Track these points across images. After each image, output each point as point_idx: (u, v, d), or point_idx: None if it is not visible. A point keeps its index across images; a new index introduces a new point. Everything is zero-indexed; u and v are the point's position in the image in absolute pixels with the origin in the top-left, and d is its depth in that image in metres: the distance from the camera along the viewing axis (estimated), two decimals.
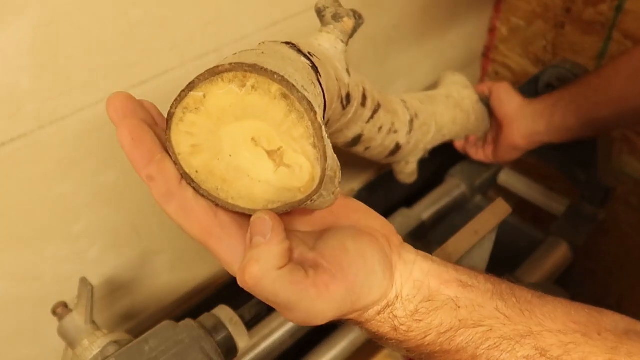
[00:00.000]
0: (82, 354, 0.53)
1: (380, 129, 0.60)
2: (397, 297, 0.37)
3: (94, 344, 0.53)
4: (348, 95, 0.51)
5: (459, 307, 0.37)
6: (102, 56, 0.53)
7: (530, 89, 0.86)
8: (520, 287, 0.39)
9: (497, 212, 0.59)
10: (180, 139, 0.34)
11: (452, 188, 0.94)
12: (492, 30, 1.02)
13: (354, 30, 0.50)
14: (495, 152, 0.85)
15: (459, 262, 0.56)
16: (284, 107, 0.32)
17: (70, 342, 0.55)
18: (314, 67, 0.40)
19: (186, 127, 0.34)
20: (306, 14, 0.69)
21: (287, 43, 0.41)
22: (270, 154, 0.33)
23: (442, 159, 1.08)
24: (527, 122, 0.78)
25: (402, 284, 0.38)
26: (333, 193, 0.35)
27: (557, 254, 0.85)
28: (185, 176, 0.35)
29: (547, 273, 0.82)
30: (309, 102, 0.31)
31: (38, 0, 0.47)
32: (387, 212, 0.90)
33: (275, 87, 0.31)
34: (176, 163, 0.34)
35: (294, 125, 0.32)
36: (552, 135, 0.77)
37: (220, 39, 0.62)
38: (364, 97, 0.55)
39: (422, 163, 0.73)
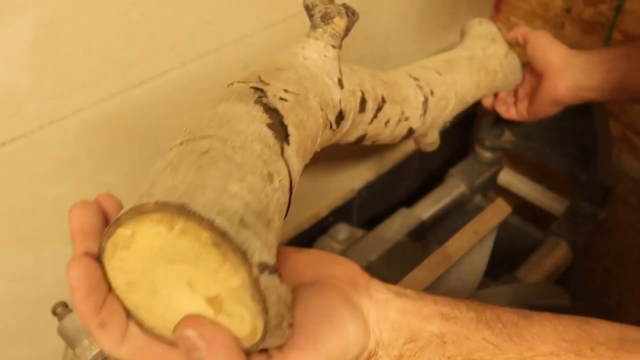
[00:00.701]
0: (82, 353, 0.53)
1: (387, 123, 0.57)
2: (378, 344, 0.35)
3: (94, 344, 0.53)
4: (340, 114, 0.47)
5: (445, 343, 0.35)
6: (102, 56, 0.53)
7: None
8: (504, 309, 0.37)
9: (497, 212, 0.59)
10: (114, 274, 0.31)
11: (452, 188, 0.95)
12: None
13: (347, 30, 0.46)
14: (531, 107, 0.78)
15: (459, 262, 0.56)
16: (216, 256, 0.28)
17: (70, 342, 0.55)
18: (280, 128, 0.36)
19: (118, 263, 0.30)
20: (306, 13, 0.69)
21: (256, 89, 0.38)
22: (208, 300, 0.30)
23: (442, 159, 1.08)
24: (575, 75, 0.71)
25: (381, 330, 0.35)
26: (282, 336, 0.31)
27: (557, 254, 0.85)
28: (125, 310, 0.31)
29: (547, 273, 0.82)
30: (244, 253, 0.28)
31: (38, 0, 0.47)
32: (387, 212, 0.91)
33: (205, 235, 0.28)
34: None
35: (230, 275, 0.28)
36: (605, 94, 0.70)
37: (220, 39, 0.62)
38: (363, 102, 0.52)
39: (422, 163, 0.73)
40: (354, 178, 0.94)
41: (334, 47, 0.46)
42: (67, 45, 0.50)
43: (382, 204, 1.00)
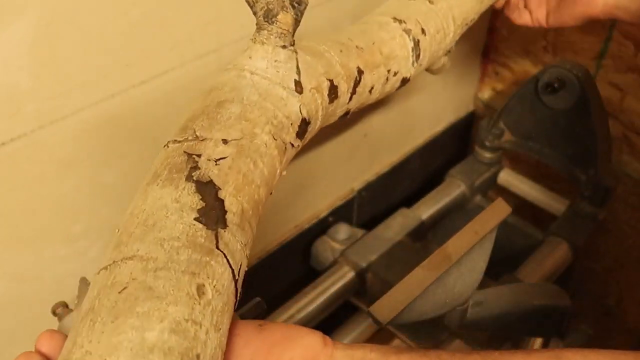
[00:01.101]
0: None
1: (371, 90, 0.52)
2: None
3: None
4: (303, 122, 0.44)
5: None
6: (102, 56, 0.53)
7: (530, 89, 0.86)
8: (478, 355, 0.38)
9: (497, 212, 0.59)
10: None
11: (452, 188, 0.95)
12: (492, 30, 1.02)
13: (297, 22, 0.41)
14: (556, 14, 0.72)
15: (459, 262, 0.56)
16: None
17: None
18: (213, 211, 0.34)
19: None
20: (306, 14, 0.69)
21: (189, 156, 0.36)
22: None
23: (442, 159, 1.08)
24: None
25: None
26: None
27: (557, 254, 0.85)
28: None
29: (547, 273, 0.82)
30: None
31: (38, 0, 0.47)
32: (387, 212, 0.91)
33: None
34: None
35: None
36: (636, 17, 0.66)
37: (220, 39, 0.62)
38: (333, 90, 0.47)
39: (422, 163, 0.73)
40: (354, 178, 0.94)
41: (284, 47, 0.42)
42: (67, 45, 0.50)
43: (382, 204, 1.00)
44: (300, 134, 0.44)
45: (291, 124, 0.42)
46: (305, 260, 0.90)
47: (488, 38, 1.03)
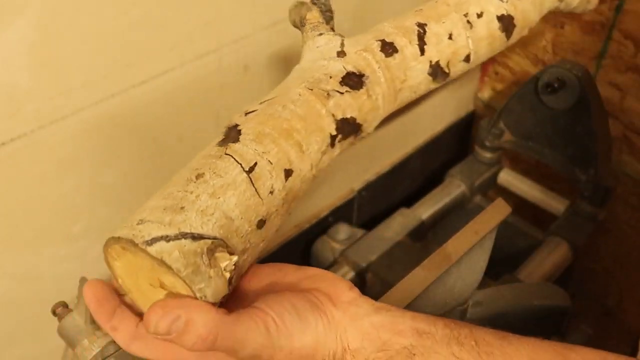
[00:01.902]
0: (82, 353, 0.53)
1: (450, 36, 0.52)
2: (345, 350, 0.38)
3: (94, 344, 0.53)
4: (350, 75, 0.46)
5: (413, 355, 0.38)
6: (102, 56, 0.53)
7: (530, 89, 0.86)
8: (483, 329, 0.39)
9: (497, 212, 0.59)
10: (120, 280, 0.39)
11: (452, 188, 0.95)
12: None
13: (325, 12, 0.48)
14: None
15: (459, 262, 0.56)
16: (131, 256, 0.36)
17: (70, 342, 0.55)
18: (225, 140, 0.40)
19: (116, 272, 0.39)
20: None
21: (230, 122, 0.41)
22: (163, 287, 0.36)
23: (442, 159, 1.08)
24: None
25: (348, 338, 0.38)
26: (211, 281, 0.35)
27: (557, 254, 0.85)
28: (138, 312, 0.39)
29: (547, 273, 0.82)
30: (132, 241, 0.34)
31: (38, 0, 0.47)
32: (387, 212, 0.91)
33: (121, 247, 0.36)
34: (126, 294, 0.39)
35: (145, 263, 0.35)
36: None
37: (220, 39, 0.62)
38: (386, 46, 0.49)
39: (423, 163, 0.73)
40: (354, 178, 0.94)
41: (321, 34, 0.47)
42: (67, 45, 0.50)
43: (382, 204, 1.00)
44: (348, 83, 0.46)
45: (330, 77, 0.46)
46: (305, 260, 0.90)
47: None
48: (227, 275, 0.35)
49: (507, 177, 1.00)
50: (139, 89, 0.57)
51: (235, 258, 0.35)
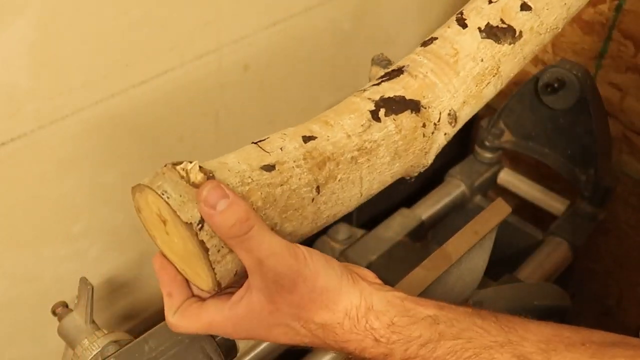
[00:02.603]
0: (82, 353, 0.53)
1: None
2: (369, 309, 0.38)
3: (94, 344, 0.53)
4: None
5: (437, 323, 0.38)
6: (102, 56, 0.53)
7: (530, 89, 0.86)
8: (503, 313, 0.40)
9: (497, 212, 0.59)
10: (150, 230, 0.41)
11: (452, 188, 0.94)
12: None
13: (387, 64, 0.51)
14: None
15: (459, 262, 0.56)
16: (154, 203, 0.38)
17: (70, 342, 0.55)
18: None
19: (144, 223, 0.41)
20: (306, 13, 0.69)
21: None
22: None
23: (442, 159, 1.08)
24: None
25: (373, 300, 0.39)
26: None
27: (557, 254, 0.85)
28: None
29: (547, 273, 0.82)
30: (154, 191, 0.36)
31: (38, 0, 0.47)
32: (387, 212, 0.90)
33: (143, 194, 0.38)
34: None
35: (167, 209, 0.37)
36: None
37: (220, 39, 0.62)
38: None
39: None
40: None
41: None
42: (67, 45, 0.50)
43: (382, 204, 1.00)
44: (385, 77, 0.48)
45: (369, 80, 0.50)
46: None
47: None
48: (180, 171, 0.36)
49: (507, 177, 1.00)
50: (139, 89, 0.57)
51: (191, 164, 0.36)
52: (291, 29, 0.68)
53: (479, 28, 0.48)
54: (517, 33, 0.49)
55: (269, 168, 0.39)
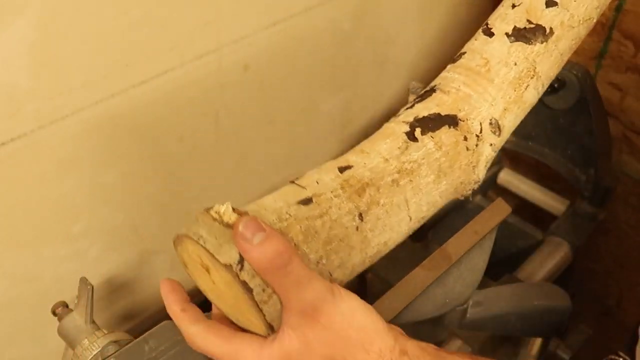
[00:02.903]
0: (82, 353, 0.53)
1: None
2: (403, 352, 0.37)
3: (94, 344, 0.53)
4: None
5: None
6: (102, 56, 0.53)
7: None
8: None
9: (497, 212, 0.59)
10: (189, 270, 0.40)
11: None
12: None
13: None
14: None
15: (459, 262, 0.56)
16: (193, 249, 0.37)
17: (70, 342, 0.55)
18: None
19: (186, 261, 0.40)
20: (306, 13, 0.69)
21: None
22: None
23: None
24: None
25: (407, 345, 0.38)
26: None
27: (557, 254, 0.85)
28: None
29: (547, 273, 0.82)
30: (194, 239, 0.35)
31: (38, 0, 0.47)
32: None
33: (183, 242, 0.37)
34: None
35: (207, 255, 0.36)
36: None
37: (220, 39, 0.62)
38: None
39: None
40: None
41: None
42: (67, 45, 0.50)
43: None
44: (417, 99, 0.48)
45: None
46: None
47: None
48: (213, 215, 0.36)
49: (507, 177, 1.00)
50: (139, 89, 0.57)
51: (223, 205, 0.35)
52: (291, 29, 0.68)
53: (506, 33, 0.47)
54: (548, 30, 0.47)
55: (307, 201, 0.38)
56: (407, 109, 0.46)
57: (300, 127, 0.79)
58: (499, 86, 0.46)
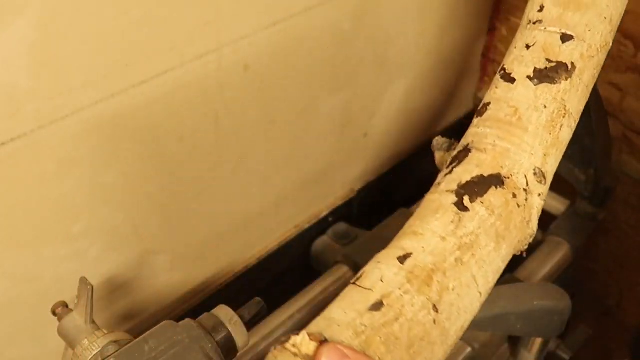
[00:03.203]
0: (82, 353, 0.53)
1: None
2: None
3: (94, 344, 0.53)
4: None
5: None
6: (102, 56, 0.53)
7: None
8: None
9: None
10: None
11: None
12: (492, 30, 1.02)
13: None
14: None
15: None
16: None
17: (70, 342, 0.55)
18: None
19: None
20: (306, 13, 0.69)
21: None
22: None
23: None
24: None
25: None
26: None
27: (557, 254, 0.85)
28: None
29: (547, 273, 0.82)
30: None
31: (38, 0, 0.47)
32: (387, 212, 0.90)
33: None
34: None
35: None
36: None
37: (220, 39, 0.62)
38: None
39: (422, 163, 0.72)
40: (354, 178, 0.94)
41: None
42: (67, 45, 0.50)
43: (382, 204, 1.00)
44: (454, 161, 0.46)
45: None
46: (305, 260, 0.90)
47: (488, 38, 1.03)
48: (291, 349, 0.33)
49: None
50: (139, 89, 0.57)
51: (298, 336, 0.33)
52: (291, 29, 0.68)
53: (528, 76, 0.45)
54: (570, 66, 0.45)
55: (378, 306, 0.36)
56: (446, 175, 0.44)
57: (300, 127, 0.79)
58: (534, 133, 0.44)
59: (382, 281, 0.37)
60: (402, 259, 0.38)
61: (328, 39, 0.74)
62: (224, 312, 0.54)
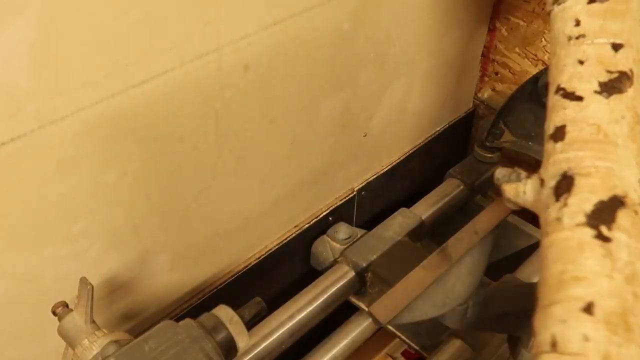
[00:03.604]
0: (82, 353, 0.53)
1: None
2: None
3: (94, 344, 0.53)
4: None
5: None
6: (102, 56, 0.53)
7: (530, 89, 0.86)
8: None
9: (497, 212, 0.59)
10: None
11: (452, 188, 0.94)
12: (492, 30, 1.02)
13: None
14: None
15: (459, 262, 0.56)
16: None
17: (70, 342, 0.55)
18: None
19: None
20: (306, 13, 0.69)
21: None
22: None
23: (442, 159, 1.08)
24: None
25: None
26: None
27: None
28: None
29: None
30: None
31: (38, 0, 0.47)
32: (387, 212, 0.90)
33: None
34: None
35: None
36: None
37: (220, 39, 0.62)
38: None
39: (423, 163, 0.73)
40: (354, 178, 0.94)
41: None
42: (67, 45, 0.50)
43: (382, 204, 1.00)
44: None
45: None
46: (305, 260, 0.90)
47: (488, 38, 1.03)
48: None
49: None
50: (139, 89, 0.57)
51: None
52: (291, 29, 0.68)
53: (595, 91, 0.44)
54: (630, 72, 0.45)
55: None
56: (561, 209, 0.42)
57: (300, 127, 0.79)
58: (624, 146, 0.43)
59: (586, 340, 0.34)
60: (587, 309, 0.36)
61: (328, 39, 0.74)
62: (224, 312, 0.54)
